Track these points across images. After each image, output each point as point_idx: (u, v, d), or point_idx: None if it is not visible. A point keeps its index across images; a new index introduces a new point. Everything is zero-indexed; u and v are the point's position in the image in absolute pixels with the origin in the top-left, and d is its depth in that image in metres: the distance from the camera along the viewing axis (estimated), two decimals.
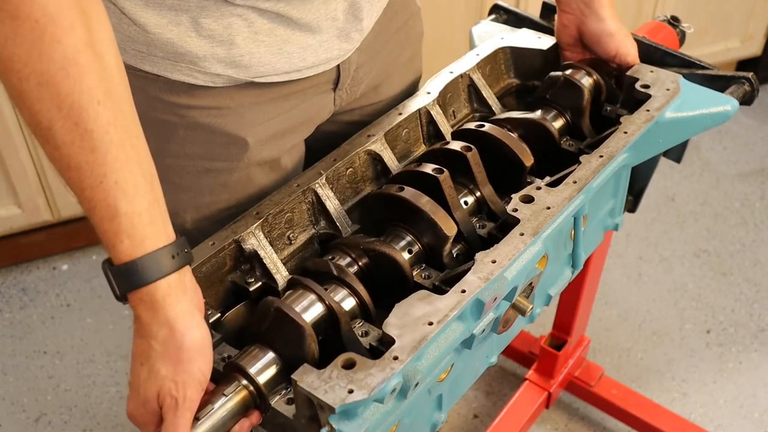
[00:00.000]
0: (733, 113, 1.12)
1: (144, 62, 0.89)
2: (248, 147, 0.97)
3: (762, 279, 2.22)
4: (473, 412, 1.90)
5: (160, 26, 0.86)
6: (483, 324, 0.87)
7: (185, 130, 0.94)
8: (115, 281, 0.73)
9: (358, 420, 0.75)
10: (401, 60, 1.15)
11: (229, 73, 0.91)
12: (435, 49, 2.12)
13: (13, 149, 1.94)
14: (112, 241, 0.71)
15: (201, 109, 0.93)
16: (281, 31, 0.91)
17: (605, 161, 1.01)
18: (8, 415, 1.89)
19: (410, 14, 1.15)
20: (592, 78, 1.17)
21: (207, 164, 0.97)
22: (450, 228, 0.93)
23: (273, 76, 0.94)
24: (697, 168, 2.61)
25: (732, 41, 2.73)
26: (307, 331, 0.80)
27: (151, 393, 0.74)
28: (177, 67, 0.89)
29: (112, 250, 0.72)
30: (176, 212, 0.99)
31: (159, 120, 0.93)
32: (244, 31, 0.89)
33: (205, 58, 0.89)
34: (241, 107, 0.95)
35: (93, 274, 2.22)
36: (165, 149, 0.95)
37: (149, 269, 0.72)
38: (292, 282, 0.89)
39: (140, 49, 0.88)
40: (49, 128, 0.67)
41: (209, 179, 0.98)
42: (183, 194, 0.99)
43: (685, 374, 1.98)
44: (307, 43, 0.94)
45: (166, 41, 0.87)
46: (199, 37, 0.87)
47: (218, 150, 0.96)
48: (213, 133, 0.95)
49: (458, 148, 1.00)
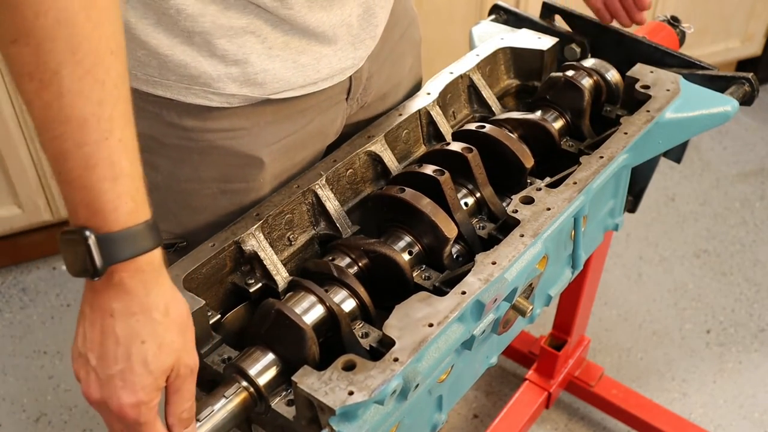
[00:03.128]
0: (733, 114, 1.12)
1: (157, 87, 0.88)
2: (264, 166, 0.95)
3: (762, 279, 2.22)
4: (473, 412, 1.90)
5: (172, 47, 0.84)
6: (483, 325, 0.87)
7: (200, 154, 0.92)
8: (106, 249, 0.65)
9: (359, 421, 0.75)
10: (405, 68, 1.14)
11: (245, 92, 0.89)
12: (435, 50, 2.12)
13: (13, 149, 1.94)
14: (112, 203, 0.65)
15: (216, 132, 0.91)
16: (296, 43, 0.89)
17: (605, 162, 1.01)
18: (8, 415, 1.89)
19: (410, 21, 1.14)
20: (593, 79, 1.17)
21: (223, 186, 0.95)
22: (450, 230, 0.93)
23: (288, 91, 0.92)
24: (697, 168, 2.61)
25: (732, 41, 2.73)
26: (307, 334, 0.80)
27: (167, 365, 0.70)
28: (191, 90, 0.88)
29: (110, 214, 0.65)
30: (193, 234, 0.98)
31: (174, 146, 0.92)
32: (258, 48, 0.87)
33: (220, 79, 0.87)
34: (257, 126, 0.93)
35: None
36: (179, 174, 0.94)
37: (154, 233, 0.67)
38: (292, 284, 0.89)
39: (152, 74, 0.87)
40: (56, 72, 0.61)
41: (226, 200, 0.96)
42: (199, 216, 0.97)
43: (685, 374, 1.98)
44: (322, 53, 0.92)
45: (178, 63, 0.85)
46: (212, 58, 0.86)
47: (234, 171, 0.95)
48: (229, 155, 0.93)
49: (459, 149, 1.00)
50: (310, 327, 0.81)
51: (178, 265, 0.87)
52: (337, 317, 0.84)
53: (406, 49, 1.13)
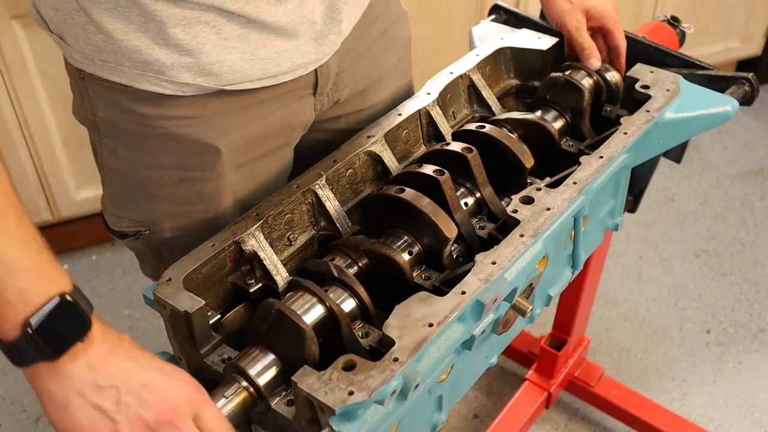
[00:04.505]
0: (733, 114, 1.12)
1: (112, 73, 0.88)
2: (222, 155, 0.95)
3: (762, 279, 2.22)
4: (473, 412, 1.90)
5: (127, 33, 0.84)
6: (483, 325, 0.87)
7: (157, 141, 0.92)
8: (36, 346, 0.66)
9: (358, 421, 0.75)
10: (387, 65, 1.13)
11: (199, 81, 0.89)
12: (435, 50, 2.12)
13: (13, 149, 1.94)
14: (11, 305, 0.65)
15: (172, 119, 0.91)
16: (254, 37, 0.89)
17: (605, 162, 1.01)
18: (8, 415, 1.89)
19: (395, 18, 1.13)
20: (593, 79, 1.17)
21: (181, 174, 0.95)
22: (450, 230, 0.93)
23: (245, 83, 0.91)
24: (697, 168, 2.61)
25: (732, 41, 2.73)
26: (308, 334, 0.80)
27: (180, 399, 0.72)
28: (145, 77, 0.87)
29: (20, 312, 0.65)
30: (154, 221, 0.98)
31: (131, 131, 0.92)
32: (212, 39, 0.87)
33: (173, 67, 0.87)
34: (214, 116, 0.93)
35: (93, 274, 2.22)
36: (138, 161, 0.94)
37: (82, 304, 0.68)
38: (293, 284, 0.89)
39: (108, 59, 0.87)
40: None
41: (184, 189, 0.96)
42: (160, 204, 0.97)
43: (685, 374, 1.98)
44: (283, 47, 0.91)
45: (132, 49, 0.85)
46: (166, 46, 0.86)
47: (191, 159, 0.94)
48: (185, 143, 0.93)
49: (459, 150, 1.00)
50: (310, 327, 0.81)
51: (179, 265, 0.87)
52: (337, 318, 0.84)
53: (388, 46, 1.12)
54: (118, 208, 1.01)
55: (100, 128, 0.95)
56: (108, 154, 0.97)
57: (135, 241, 1.02)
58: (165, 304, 0.83)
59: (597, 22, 1.18)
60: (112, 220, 1.02)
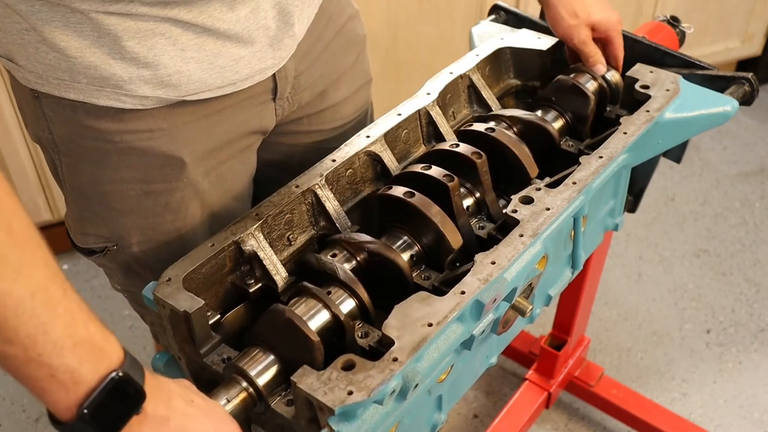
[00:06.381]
0: (733, 114, 1.12)
1: (68, 91, 0.86)
2: (185, 166, 0.94)
3: (762, 279, 2.22)
4: (473, 412, 1.90)
5: (81, 50, 0.83)
6: (483, 325, 0.87)
7: (119, 156, 0.91)
8: (92, 428, 0.64)
9: (358, 421, 0.75)
10: (345, 64, 1.13)
11: (158, 94, 0.87)
12: (435, 50, 2.13)
13: (13, 149, 1.94)
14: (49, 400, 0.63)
15: (133, 134, 0.90)
16: (210, 46, 0.88)
17: (605, 162, 1.01)
18: (8, 415, 1.89)
19: (348, 17, 1.13)
20: (597, 83, 1.18)
21: (146, 187, 0.94)
22: (456, 241, 0.93)
23: (205, 92, 0.91)
24: (697, 168, 2.61)
25: (732, 41, 2.73)
26: (317, 345, 0.80)
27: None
28: (103, 92, 0.86)
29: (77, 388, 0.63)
30: (121, 236, 0.97)
31: (91, 148, 0.91)
32: (169, 50, 0.85)
33: (131, 81, 0.85)
34: (175, 127, 0.92)
35: (93, 274, 2.22)
36: (101, 176, 0.93)
37: (134, 375, 0.66)
38: (300, 289, 0.88)
39: (62, 77, 0.85)
40: None
41: (150, 201, 0.95)
42: (125, 218, 0.96)
43: (685, 374, 1.98)
44: (240, 54, 0.91)
45: (88, 65, 0.84)
46: (123, 60, 0.84)
47: (155, 172, 0.93)
48: (148, 156, 0.92)
49: (468, 154, 0.99)
50: (320, 341, 0.81)
51: (178, 265, 0.87)
52: (344, 327, 0.84)
53: (344, 45, 1.12)
54: (83, 225, 0.99)
55: (59, 146, 0.93)
56: (69, 172, 0.95)
57: (103, 257, 1.00)
58: (165, 304, 0.83)
59: (602, 34, 1.19)
60: (79, 238, 1.00)
